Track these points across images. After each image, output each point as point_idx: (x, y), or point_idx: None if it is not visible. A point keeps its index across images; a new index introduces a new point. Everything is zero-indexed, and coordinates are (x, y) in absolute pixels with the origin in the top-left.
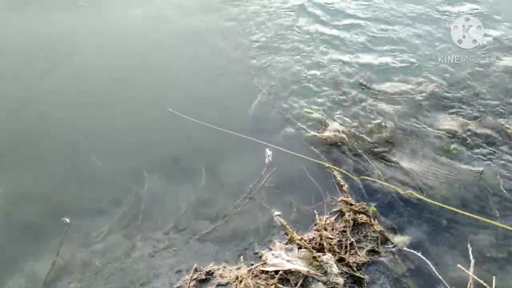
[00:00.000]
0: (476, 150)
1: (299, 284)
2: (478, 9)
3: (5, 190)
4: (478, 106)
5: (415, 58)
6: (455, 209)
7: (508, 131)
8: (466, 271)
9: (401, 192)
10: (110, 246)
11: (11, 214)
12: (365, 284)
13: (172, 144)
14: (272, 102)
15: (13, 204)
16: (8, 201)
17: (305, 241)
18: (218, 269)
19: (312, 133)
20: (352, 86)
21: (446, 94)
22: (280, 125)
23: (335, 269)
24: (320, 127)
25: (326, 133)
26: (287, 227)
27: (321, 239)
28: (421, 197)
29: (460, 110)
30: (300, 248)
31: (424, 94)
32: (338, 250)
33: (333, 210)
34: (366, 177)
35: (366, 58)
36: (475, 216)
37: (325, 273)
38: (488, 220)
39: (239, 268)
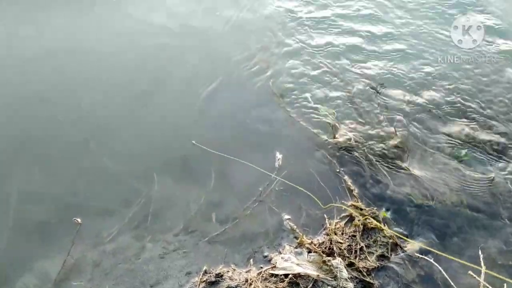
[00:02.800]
0: (487, 157)
1: None
2: None
3: (16, 190)
4: (489, 113)
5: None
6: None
7: None
8: (477, 278)
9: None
10: (120, 247)
11: (23, 214)
12: None
13: (181, 146)
14: (283, 105)
15: (25, 204)
16: (20, 201)
17: (315, 245)
18: (228, 271)
19: (323, 137)
20: (363, 92)
21: (457, 101)
22: (290, 129)
23: (345, 273)
24: (331, 131)
25: (337, 138)
26: (297, 230)
27: (331, 243)
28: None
29: (471, 117)
30: (310, 252)
31: (434, 100)
32: (348, 255)
33: (343, 214)
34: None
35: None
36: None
37: (335, 277)
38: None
39: (248, 271)
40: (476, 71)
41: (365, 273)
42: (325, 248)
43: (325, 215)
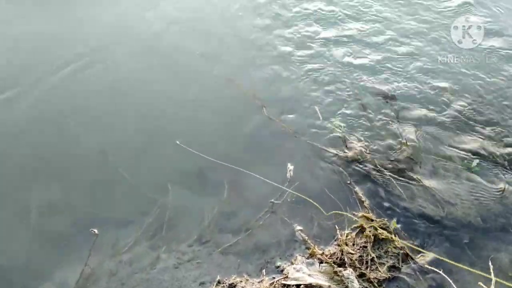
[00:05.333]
0: (498, 169)
1: None
2: None
3: (36, 202)
4: (501, 124)
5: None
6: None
7: None
8: None
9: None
10: (136, 257)
11: (42, 225)
12: None
13: (195, 157)
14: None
15: (44, 215)
16: (39, 213)
17: (326, 255)
18: (241, 281)
19: (334, 150)
20: (374, 103)
21: (469, 112)
22: (300, 142)
23: (356, 284)
24: (341, 144)
25: (348, 151)
26: (309, 241)
27: (342, 254)
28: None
29: (482, 128)
30: (321, 262)
31: (445, 112)
32: (359, 265)
33: (354, 225)
34: None
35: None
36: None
37: None
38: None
39: (261, 281)
40: (487, 83)
41: (376, 284)
42: (337, 258)
43: (336, 226)
